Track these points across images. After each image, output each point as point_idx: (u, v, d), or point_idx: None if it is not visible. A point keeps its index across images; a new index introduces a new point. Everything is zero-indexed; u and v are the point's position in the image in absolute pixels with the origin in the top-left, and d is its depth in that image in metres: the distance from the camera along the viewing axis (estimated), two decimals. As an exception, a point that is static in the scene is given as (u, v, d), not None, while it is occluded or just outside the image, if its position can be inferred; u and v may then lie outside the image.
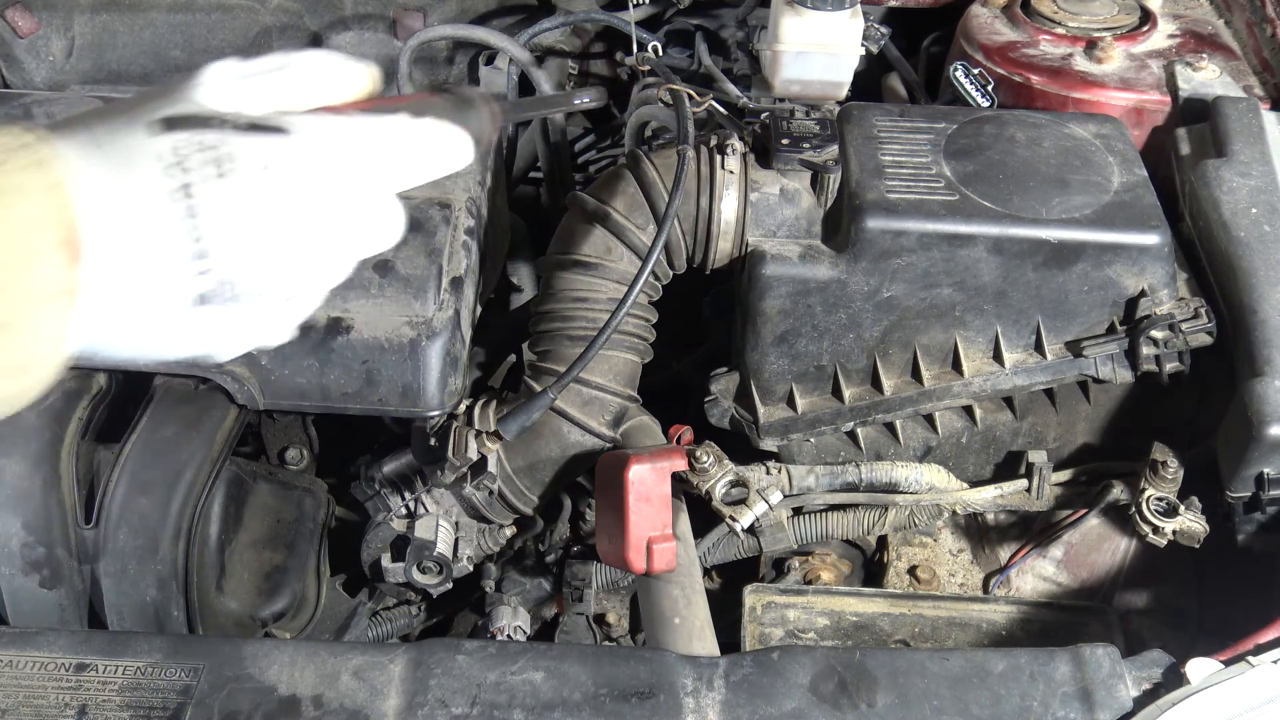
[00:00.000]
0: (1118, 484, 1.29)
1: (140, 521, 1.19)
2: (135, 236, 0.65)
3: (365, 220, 0.74)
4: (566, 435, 1.32)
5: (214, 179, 0.67)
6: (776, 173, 1.30)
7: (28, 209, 0.60)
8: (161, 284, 0.66)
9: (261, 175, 0.68)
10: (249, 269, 0.69)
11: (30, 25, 1.89)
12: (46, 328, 0.62)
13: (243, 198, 0.68)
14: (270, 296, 0.70)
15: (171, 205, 0.66)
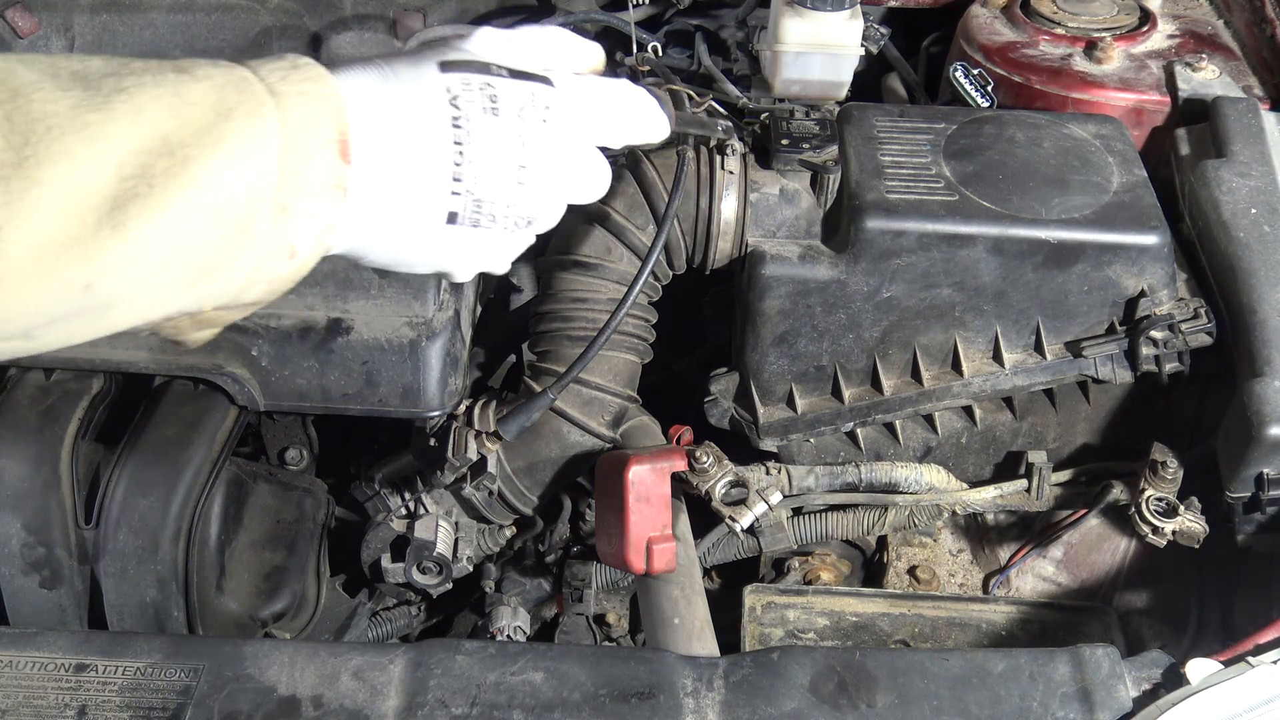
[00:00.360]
0: (1118, 484, 1.29)
1: (140, 522, 1.19)
2: (404, 151, 0.76)
3: (589, 168, 0.87)
4: (566, 435, 1.32)
5: (482, 114, 0.79)
6: (776, 173, 1.30)
7: (307, 110, 0.71)
8: (420, 197, 0.78)
9: (522, 115, 0.81)
10: (495, 196, 0.80)
11: (30, 25, 1.89)
12: (317, 215, 0.72)
13: (504, 133, 0.80)
14: (505, 224, 0.82)
15: (443, 131, 0.78)
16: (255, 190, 0.69)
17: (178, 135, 0.67)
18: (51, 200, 0.64)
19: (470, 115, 0.79)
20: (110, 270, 0.67)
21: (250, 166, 0.69)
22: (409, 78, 0.79)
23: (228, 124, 0.69)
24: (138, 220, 0.66)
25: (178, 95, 0.68)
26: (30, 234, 0.64)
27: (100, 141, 0.65)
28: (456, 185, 0.78)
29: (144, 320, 0.73)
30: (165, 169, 0.67)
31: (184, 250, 0.69)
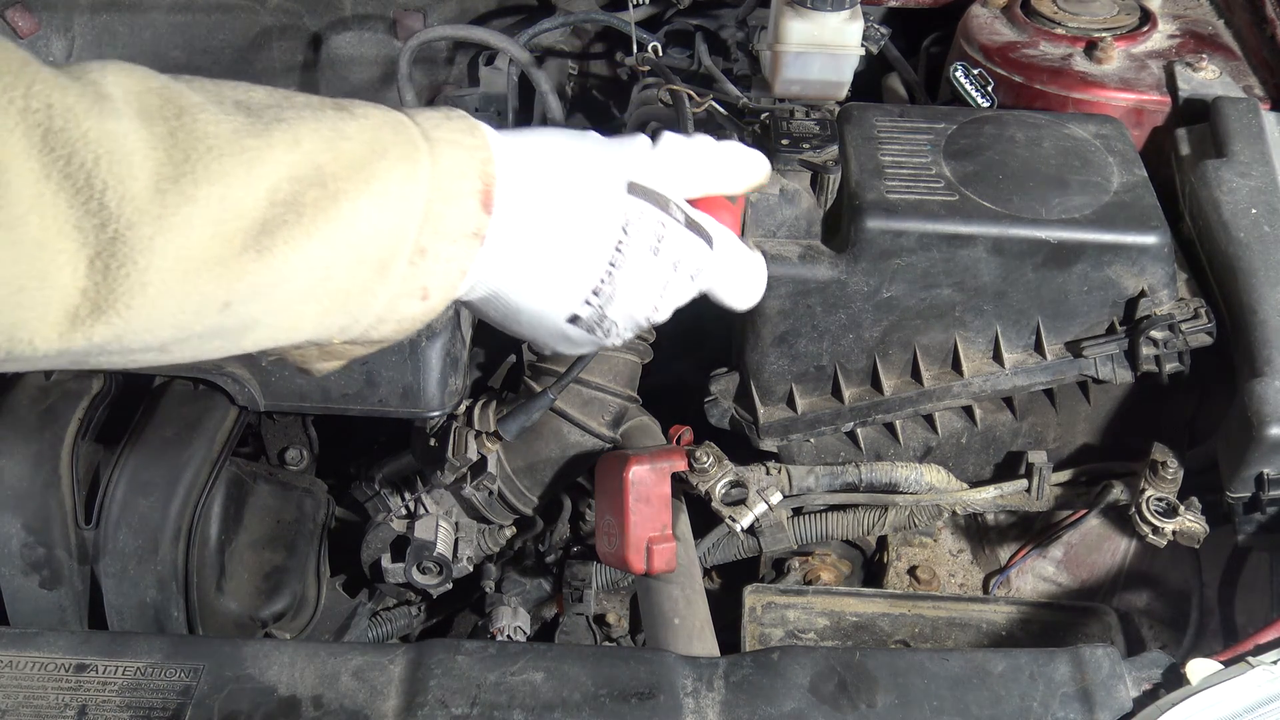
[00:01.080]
0: (1118, 484, 1.29)
1: (140, 522, 1.19)
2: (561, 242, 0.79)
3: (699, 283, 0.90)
4: (566, 435, 1.32)
5: (643, 250, 0.82)
6: (776, 173, 1.30)
7: (456, 158, 0.74)
8: (558, 290, 0.80)
9: (676, 269, 0.84)
10: (620, 320, 0.84)
11: (30, 25, 1.89)
12: (453, 260, 0.74)
13: (654, 277, 0.83)
14: (614, 338, 0.86)
15: (605, 248, 0.81)
16: (400, 230, 0.71)
17: (331, 168, 0.69)
18: (203, 217, 0.65)
19: (634, 247, 0.81)
20: (250, 292, 0.68)
21: (398, 206, 0.71)
22: (595, 180, 0.81)
23: (381, 163, 0.71)
24: (283, 247, 0.68)
25: (335, 130, 0.71)
26: (178, 247, 0.65)
27: (256, 166, 0.67)
28: (592, 298, 0.81)
29: (276, 344, 0.74)
30: (315, 199, 0.68)
31: (324, 281, 0.70)
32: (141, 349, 0.68)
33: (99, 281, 0.63)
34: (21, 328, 0.63)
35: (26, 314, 0.62)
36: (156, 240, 0.64)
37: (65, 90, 0.64)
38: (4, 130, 0.61)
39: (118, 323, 0.65)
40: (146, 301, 0.65)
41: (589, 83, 2.05)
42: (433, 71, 2.00)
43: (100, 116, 0.64)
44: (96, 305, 0.64)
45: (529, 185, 0.78)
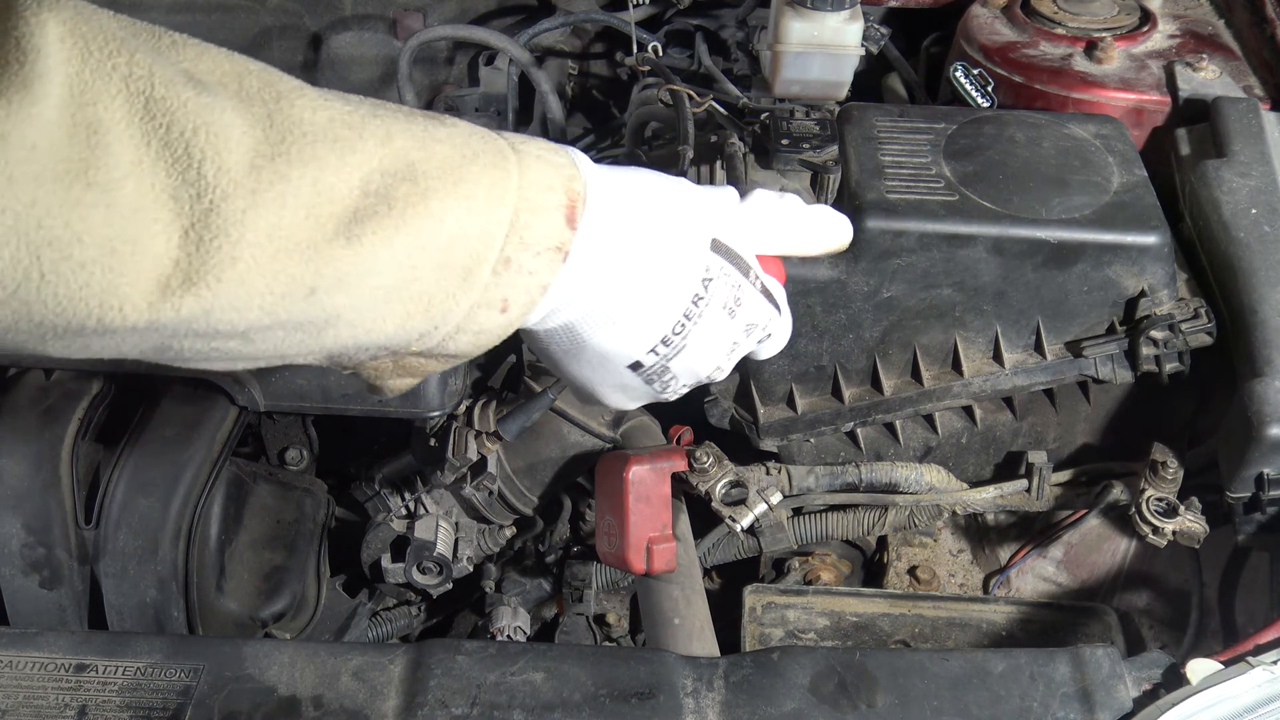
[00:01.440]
0: (1118, 484, 1.29)
1: (140, 522, 1.19)
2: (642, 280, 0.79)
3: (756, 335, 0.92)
4: (566, 435, 1.32)
5: (721, 309, 0.83)
6: (776, 173, 1.30)
7: (543, 171, 0.75)
8: (627, 325, 0.80)
9: (748, 332, 0.86)
10: (682, 373, 0.85)
11: (30, 25, 1.89)
12: (536, 274, 0.74)
13: (725, 336, 0.84)
14: (673, 390, 0.87)
15: (683, 301, 0.81)
16: (486, 236, 0.72)
17: (423, 166, 0.70)
18: (296, 198, 0.66)
19: (712, 304, 0.82)
20: (336, 281, 0.68)
21: (486, 211, 0.71)
22: (682, 228, 0.82)
23: (471, 167, 0.71)
24: (372, 238, 0.68)
25: (426, 132, 0.71)
26: (270, 225, 0.65)
27: (349, 155, 0.68)
28: (660, 347, 0.82)
29: (356, 344, 0.73)
30: (406, 195, 0.69)
31: (409, 281, 0.70)
32: (227, 331, 0.68)
33: (191, 252, 0.64)
34: (113, 293, 0.63)
35: (118, 279, 0.62)
36: (249, 215, 0.64)
37: (168, 61, 0.64)
38: (107, 96, 0.61)
39: (207, 295, 0.65)
40: (235, 276, 0.65)
41: (589, 83, 2.05)
42: (433, 71, 2.00)
43: (201, 89, 0.65)
44: (188, 276, 0.64)
45: (614, 213, 0.78)
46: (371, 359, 0.77)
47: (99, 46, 0.62)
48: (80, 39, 0.61)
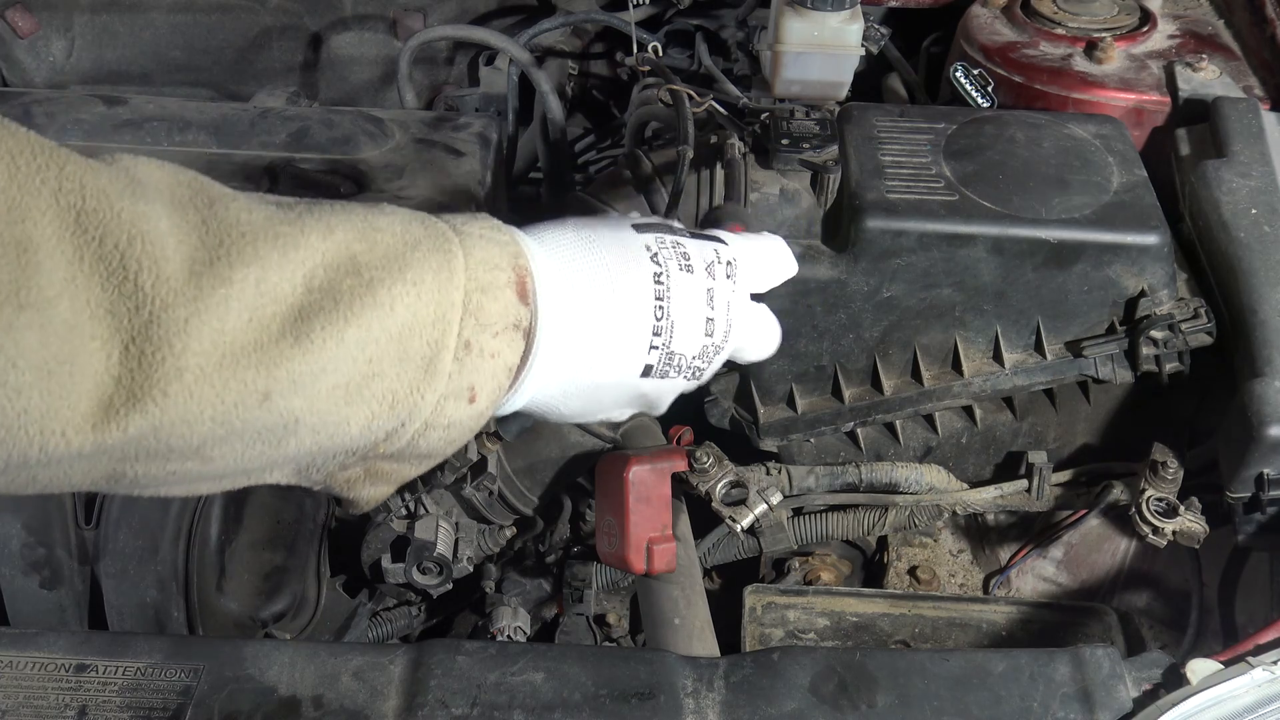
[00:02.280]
0: (1118, 484, 1.28)
1: (140, 522, 1.19)
2: (607, 304, 0.78)
3: (759, 320, 0.92)
4: (566, 436, 1.32)
5: (679, 271, 0.82)
6: (776, 173, 1.30)
7: (488, 250, 0.73)
8: (621, 349, 0.80)
9: (710, 271, 0.84)
10: (685, 349, 0.84)
11: (30, 25, 1.89)
12: (499, 355, 0.73)
13: (697, 289, 0.83)
14: (685, 373, 0.85)
15: (647, 287, 0.80)
16: (441, 321, 0.70)
17: (366, 258, 0.68)
18: (239, 300, 0.64)
19: (670, 271, 0.81)
20: (290, 384, 0.66)
21: (436, 296, 0.70)
22: (609, 234, 0.81)
23: (415, 253, 0.70)
24: (322, 334, 0.66)
25: (366, 222, 0.70)
26: (214, 331, 0.63)
27: (291, 252, 0.66)
28: (655, 339, 0.81)
29: (321, 450, 0.70)
30: (351, 288, 0.67)
31: (369, 377, 0.68)
32: (181, 449, 0.65)
33: (133, 368, 0.61)
34: (53, 417, 0.60)
35: (57, 402, 0.59)
36: (192, 323, 0.62)
37: (98, 173, 0.63)
38: (36, 211, 0.59)
39: (154, 412, 0.62)
40: (183, 389, 0.62)
41: (589, 83, 2.05)
42: (433, 71, 2.00)
43: (134, 199, 0.63)
44: (132, 393, 0.61)
45: (561, 271, 0.77)
46: (341, 467, 0.73)
47: (26, 161, 0.60)
48: (6, 154, 0.59)
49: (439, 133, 1.41)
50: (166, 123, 1.37)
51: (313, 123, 1.38)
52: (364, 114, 1.41)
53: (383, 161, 1.35)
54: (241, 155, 1.35)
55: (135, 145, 1.35)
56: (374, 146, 1.36)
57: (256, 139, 1.36)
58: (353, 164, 1.34)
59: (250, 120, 1.38)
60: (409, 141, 1.39)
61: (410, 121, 1.43)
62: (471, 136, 1.41)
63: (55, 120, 1.36)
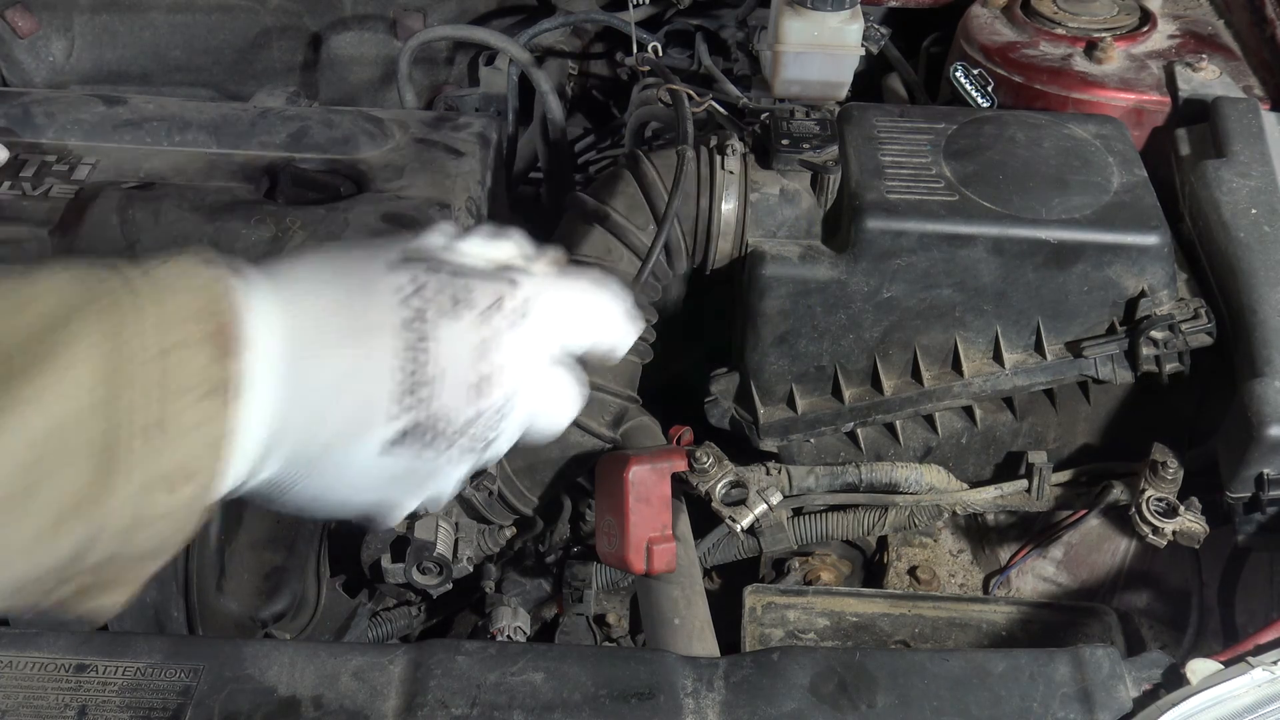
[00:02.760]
0: (1118, 484, 1.28)
1: (140, 522, 1.18)
2: (340, 356, 0.64)
3: (558, 383, 0.74)
4: (567, 436, 1.32)
5: (440, 316, 0.66)
6: (776, 173, 1.30)
7: (175, 303, 0.60)
8: (360, 413, 0.65)
9: (486, 319, 0.67)
10: (452, 414, 0.67)
11: (30, 25, 1.89)
12: (202, 427, 0.60)
13: (464, 340, 0.66)
14: (460, 446, 0.69)
15: (394, 335, 0.65)
16: (111, 403, 0.57)
17: (9, 340, 0.56)
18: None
19: (428, 313, 0.66)
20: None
21: (100, 373, 0.57)
22: (352, 270, 0.67)
23: (70, 325, 0.57)
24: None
25: (15, 293, 0.58)
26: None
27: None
28: (407, 399, 0.65)
29: (18, 579, 0.59)
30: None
31: (34, 485, 0.56)
32: None
33: None
34: None
35: None
36: None
37: None
38: None
39: None
40: None
41: (589, 83, 2.05)
42: (433, 71, 2.00)
43: None
44: None
45: (283, 316, 0.64)
46: (46, 593, 0.61)
47: None
48: None
49: (439, 132, 1.41)
50: (166, 123, 1.37)
51: (313, 122, 1.38)
52: (364, 114, 1.41)
53: (383, 161, 1.35)
54: (241, 155, 1.34)
55: (135, 145, 1.35)
56: (374, 146, 1.36)
57: (256, 139, 1.36)
58: (353, 164, 1.34)
59: (250, 120, 1.38)
60: (409, 141, 1.39)
61: (410, 121, 1.43)
62: (471, 136, 1.41)
63: (55, 120, 1.36)
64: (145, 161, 1.32)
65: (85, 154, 1.33)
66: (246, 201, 1.26)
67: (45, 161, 1.31)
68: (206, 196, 1.26)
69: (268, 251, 1.20)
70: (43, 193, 1.27)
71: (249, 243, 1.21)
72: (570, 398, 0.75)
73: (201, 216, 1.23)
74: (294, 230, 1.22)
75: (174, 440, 0.59)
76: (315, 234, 1.22)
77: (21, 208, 1.25)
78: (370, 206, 1.26)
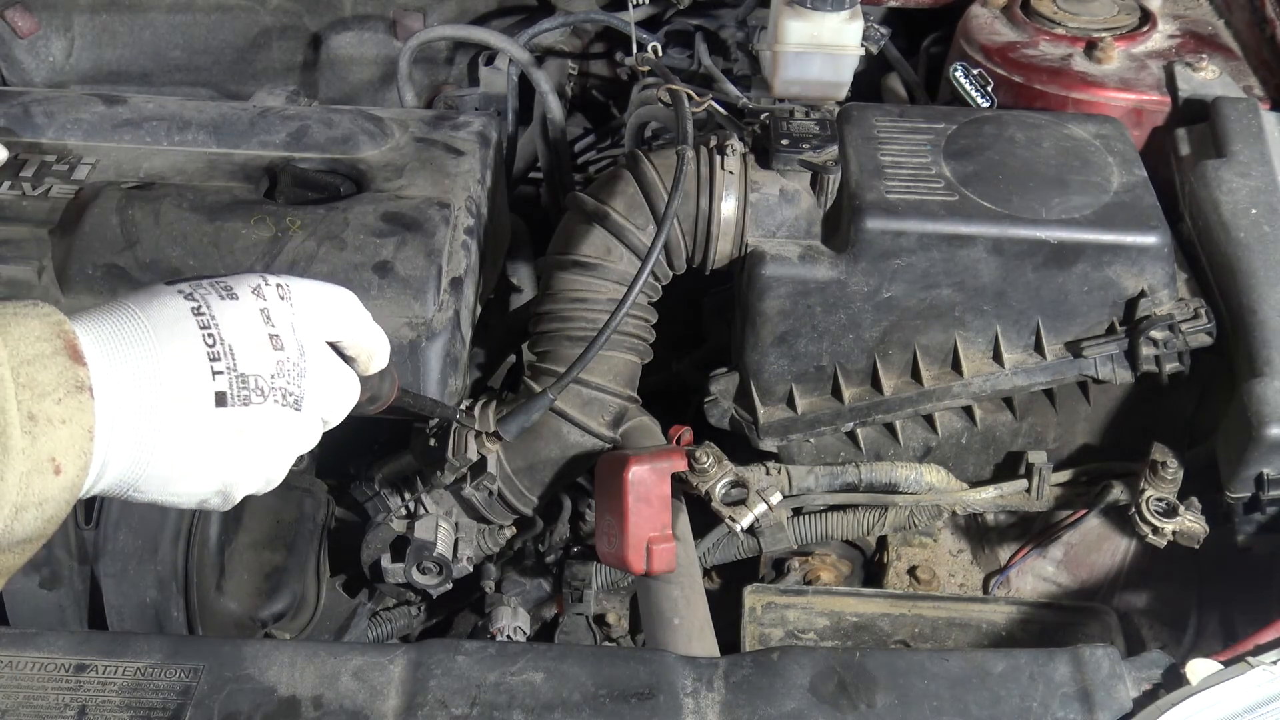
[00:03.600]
0: (1118, 484, 1.29)
1: (140, 522, 1.19)
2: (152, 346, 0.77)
3: (330, 365, 0.87)
4: (566, 436, 1.32)
5: (219, 300, 0.81)
6: (776, 173, 1.30)
7: (28, 324, 0.73)
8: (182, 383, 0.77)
9: (258, 294, 0.83)
10: (258, 367, 0.81)
11: (30, 25, 1.89)
12: (69, 420, 0.71)
13: (246, 311, 0.81)
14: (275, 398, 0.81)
15: (186, 321, 0.79)
16: None
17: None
18: None
19: (209, 302, 0.81)
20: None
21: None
22: (143, 293, 0.81)
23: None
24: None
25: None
26: None
27: None
28: (216, 365, 0.79)
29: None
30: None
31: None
32: None
33: None
34: None
35: None
36: None
37: None
38: None
39: None
40: None
41: (589, 83, 2.05)
42: (433, 71, 2.00)
43: None
44: None
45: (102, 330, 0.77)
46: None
47: None
48: None
49: (439, 131, 1.41)
50: (166, 122, 1.37)
51: (312, 122, 1.38)
52: (364, 113, 1.41)
53: (382, 160, 1.35)
54: (241, 154, 1.34)
55: (135, 145, 1.35)
56: (373, 145, 1.36)
57: (256, 138, 1.36)
58: (352, 163, 1.34)
59: (250, 119, 1.38)
60: (409, 140, 1.39)
61: (410, 120, 1.43)
62: (471, 135, 1.41)
63: (55, 120, 1.36)
64: (145, 161, 1.32)
65: (85, 154, 1.33)
66: (246, 201, 1.26)
67: (45, 161, 1.31)
68: (206, 196, 1.26)
69: (267, 251, 1.20)
70: (43, 192, 1.27)
71: (249, 242, 1.21)
72: (348, 384, 0.89)
73: (201, 216, 1.23)
74: (294, 230, 1.22)
75: (48, 430, 0.70)
76: (315, 234, 1.22)
77: (21, 208, 1.25)
78: (370, 206, 1.26)
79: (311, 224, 1.23)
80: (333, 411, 0.88)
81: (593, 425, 1.32)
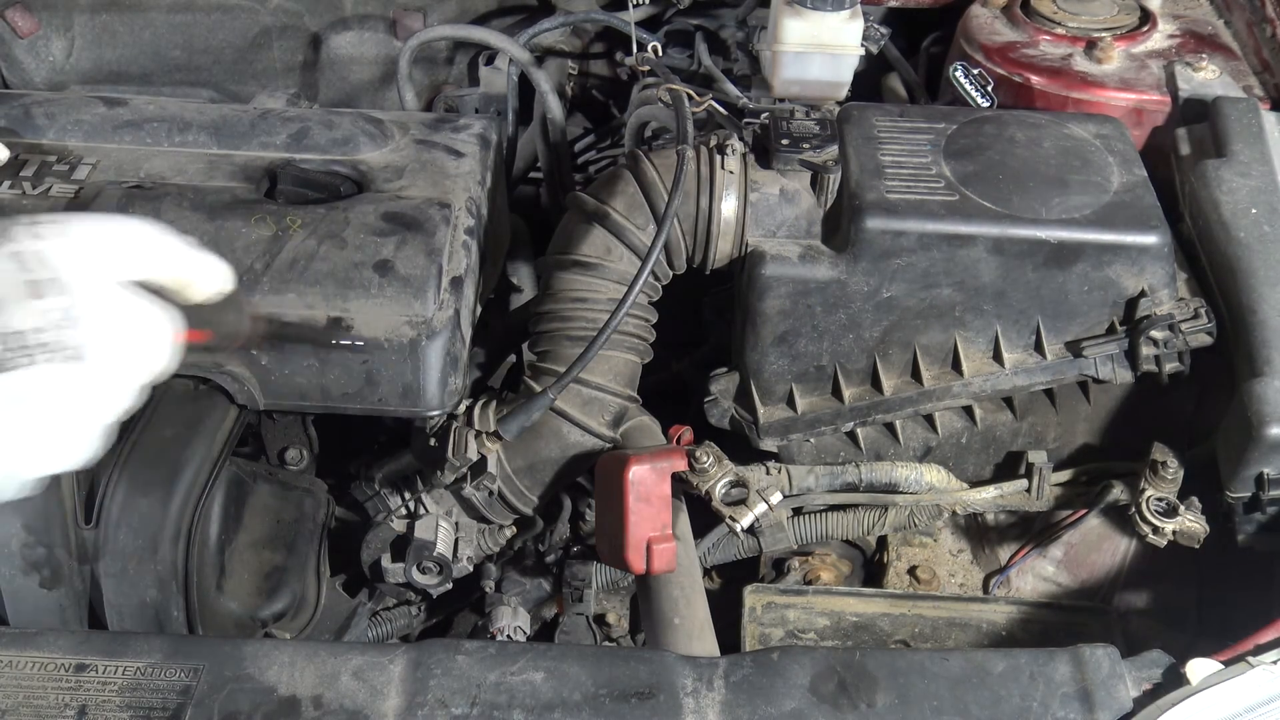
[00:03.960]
0: (1118, 484, 1.29)
1: (140, 522, 1.18)
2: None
3: (131, 303, 0.78)
4: (566, 435, 1.32)
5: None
6: (776, 173, 1.30)
7: None
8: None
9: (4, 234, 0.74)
10: (17, 321, 0.71)
11: (30, 25, 1.89)
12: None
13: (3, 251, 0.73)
14: (47, 356, 0.72)
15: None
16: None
17: None
18: None
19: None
20: None
21: None
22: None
23: None
24: None
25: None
26: None
27: None
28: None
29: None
30: None
31: None
32: None
33: None
34: None
35: None
36: None
37: None
38: None
39: None
40: None
41: (589, 83, 2.05)
42: (433, 71, 2.00)
43: None
44: None
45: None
46: None
47: None
48: None
49: (439, 133, 1.41)
50: (166, 123, 1.37)
51: (313, 124, 1.38)
52: (364, 115, 1.41)
53: (383, 162, 1.35)
54: (242, 156, 1.35)
55: (136, 145, 1.35)
56: (374, 147, 1.36)
57: (257, 139, 1.36)
58: (353, 164, 1.34)
59: (250, 121, 1.38)
60: (409, 142, 1.39)
61: (410, 122, 1.43)
62: (471, 137, 1.41)
63: (55, 121, 1.36)
64: (146, 162, 1.33)
65: (86, 154, 1.33)
66: (246, 201, 1.26)
67: (45, 161, 1.31)
68: (206, 196, 1.26)
69: (268, 249, 1.21)
70: (43, 193, 1.27)
71: (249, 241, 1.21)
72: (154, 323, 0.79)
73: (201, 216, 1.23)
74: (294, 229, 1.22)
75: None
76: (315, 233, 1.22)
77: (21, 208, 1.25)
78: (370, 205, 1.26)
79: (312, 223, 1.23)
80: (139, 357, 0.78)
81: (593, 425, 1.32)
